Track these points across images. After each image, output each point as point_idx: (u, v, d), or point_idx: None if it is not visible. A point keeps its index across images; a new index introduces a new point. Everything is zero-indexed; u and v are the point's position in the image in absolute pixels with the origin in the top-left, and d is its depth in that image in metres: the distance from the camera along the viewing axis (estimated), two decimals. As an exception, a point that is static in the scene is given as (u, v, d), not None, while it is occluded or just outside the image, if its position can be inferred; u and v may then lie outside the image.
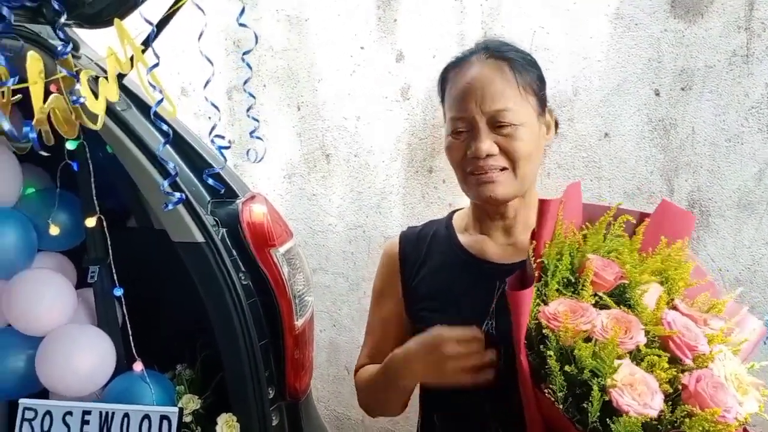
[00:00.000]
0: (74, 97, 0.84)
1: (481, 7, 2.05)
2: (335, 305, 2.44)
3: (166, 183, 1.15)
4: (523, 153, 1.10)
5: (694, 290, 0.97)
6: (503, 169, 1.11)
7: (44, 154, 0.90)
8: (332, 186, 2.38)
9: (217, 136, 1.12)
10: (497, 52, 1.16)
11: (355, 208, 2.36)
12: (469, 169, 1.13)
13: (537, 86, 1.16)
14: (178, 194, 1.22)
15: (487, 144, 1.09)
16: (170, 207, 1.19)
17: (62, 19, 0.88)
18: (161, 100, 0.92)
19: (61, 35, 0.87)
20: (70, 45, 0.86)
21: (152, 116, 1.04)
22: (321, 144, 2.36)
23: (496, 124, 1.10)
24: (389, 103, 2.24)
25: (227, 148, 1.13)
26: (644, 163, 1.88)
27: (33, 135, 0.85)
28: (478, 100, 1.11)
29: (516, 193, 1.14)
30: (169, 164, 1.14)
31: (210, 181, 1.24)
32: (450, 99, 1.18)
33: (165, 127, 1.06)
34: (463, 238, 1.23)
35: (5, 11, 0.78)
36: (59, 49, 0.82)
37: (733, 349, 0.92)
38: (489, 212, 1.19)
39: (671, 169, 1.85)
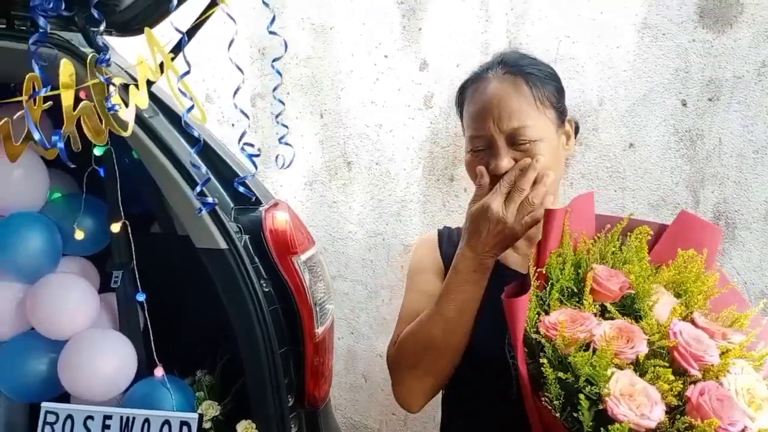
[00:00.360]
0: (109, 105, 0.85)
1: (506, 16, 2.04)
2: (353, 313, 2.44)
3: (197, 188, 1.16)
4: (542, 168, 1.10)
5: (720, 302, 0.96)
6: None
7: (71, 165, 0.91)
8: (353, 193, 2.38)
9: (246, 143, 1.12)
10: (513, 66, 1.16)
11: (375, 216, 2.35)
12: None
13: (555, 99, 1.16)
14: (210, 199, 1.22)
15: (506, 161, 1.11)
16: (203, 211, 1.20)
17: (101, 28, 0.89)
18: (191, 107, 0.93)
19: (100, 43, 0.87)
20: (109, 53, 0.86)
21: (183, 124, 1.04)
22: (343, 151, 2.37)
23: (514, 141, 1.12)
24: (412, 111, 2.24)
25: (257, 156, 1.13)
26: (669, 174, 1.86)
27: (61, 145, 0.86)
28: (496, 118, 1.12)
29: None
30: (201, 169, 1.15)
31: (241, 189, 1.24)
32: (468, 117, 1.19)
33: (195, 134, 1.07)
34: None
35: (41, 21, 0.79)
36: (98, 56, 0.83)
37: (756, 364, 0.89)
38: None
39: (697, 181, 1.83)
